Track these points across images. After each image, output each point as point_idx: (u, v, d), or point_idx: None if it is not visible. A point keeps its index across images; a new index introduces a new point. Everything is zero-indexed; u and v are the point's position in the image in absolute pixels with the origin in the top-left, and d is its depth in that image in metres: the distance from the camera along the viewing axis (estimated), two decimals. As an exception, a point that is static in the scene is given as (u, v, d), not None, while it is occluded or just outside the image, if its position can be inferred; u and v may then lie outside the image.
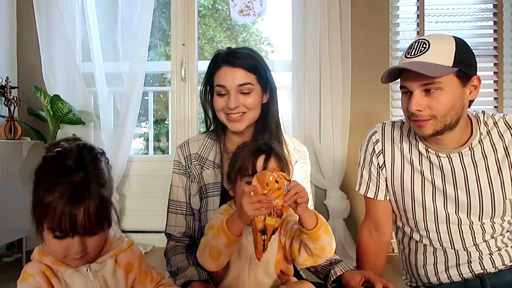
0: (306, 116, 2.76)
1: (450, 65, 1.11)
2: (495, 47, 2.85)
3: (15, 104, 2.57)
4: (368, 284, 1.13)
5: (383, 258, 1.42)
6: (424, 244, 1.32)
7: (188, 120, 2.96)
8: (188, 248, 1.30)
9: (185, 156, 1.34)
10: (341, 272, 1.19)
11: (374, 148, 1.35)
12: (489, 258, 1.25)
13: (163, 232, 1.38)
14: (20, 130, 2.57)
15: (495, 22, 2.87)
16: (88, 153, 0.90)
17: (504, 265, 1.25)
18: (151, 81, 4.25)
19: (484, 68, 2.85)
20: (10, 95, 2.54)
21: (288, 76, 2.83)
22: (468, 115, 1.25)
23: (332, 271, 1.21)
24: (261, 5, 2.78)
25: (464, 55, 1.13)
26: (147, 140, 3.86)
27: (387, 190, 1.35)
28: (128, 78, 2.82)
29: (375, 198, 1.36)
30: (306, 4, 2.73)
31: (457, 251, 1.26)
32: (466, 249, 1.25)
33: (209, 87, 1.32)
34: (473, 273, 1.25)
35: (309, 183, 1.39)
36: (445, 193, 1.25)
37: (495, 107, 2.84)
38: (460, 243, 1.26)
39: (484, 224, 1.24)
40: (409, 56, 1.16)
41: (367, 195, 1.37)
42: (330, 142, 2.74)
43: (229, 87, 1.24)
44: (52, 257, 0.91)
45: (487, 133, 1.24)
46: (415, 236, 1.33)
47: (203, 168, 1.31)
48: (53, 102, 2.62)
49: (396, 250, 2.12)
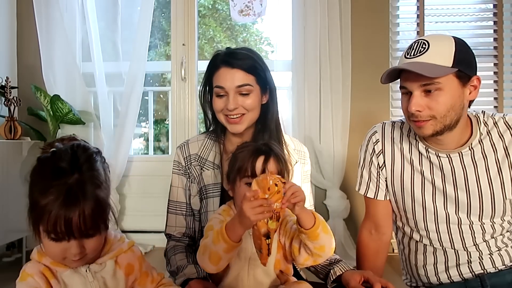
0: (306, 116, 2.76)
1: (450, 65, 1.11)
2: (495, 47, 2.85)
3: (15, 104, 2.57)
4: (367, 284, 1.13)
5: (383, 258, 1.42)
6: (424, 244, 1.32)
7: (188, 120, 2.96)
8: (188, 248, 1.30)
9: (185, 156, 1.33)
10: (341, 272, 1.19)
11: (374, 148, 1.35)
12: (489, 258, 1.25)
13: (163, 232, 1.38)
14: (20, 130, 2.57)
15: (495, 22, 2.87)
16: (82, 153, 0.89)
17: (504, 265, 1.25)
18: (151, 81, 4.24)
19: (484, 68, 2.85)
20: (10, 95, 2.54)
21: (288, 76, 2.83)
22: (468, 115, 1.25)
23: (332, 271, 1.21)
24: (261, 5, 2.78)
25: (463, 55, 1.13)
26: (147, 140, 3.86)
27: (387, 190, 1.35)
28: (128, 78, 2.81)
29: (375, 198, 1.36)
30: (306, 4, 2.73)
31: (457, 251, 1.26)
32: (466, 249, 1.25)
33: (209, 87, 1.31)
34: (473, 273, 1.25)
35: (309, 183, 1.39)
36: (445, 193, 1.25)
37: (495, 107, 2.84)
38: (460, 243, 1.26)
39: (484, 224, 1.24)
40: (408, 57, 1.16)
41: (367, 195, 1.37)
42: (330, 142, 2.74)
43: (228, 88, 1.23)
44: (50, 258, 0.90)
45: (487, 133, 1.24)
46: (415, 236, 1.33)
47: (203, 169, 1.31)
48: (53, 102, 2.62)
49: (396, 250, 2.12)
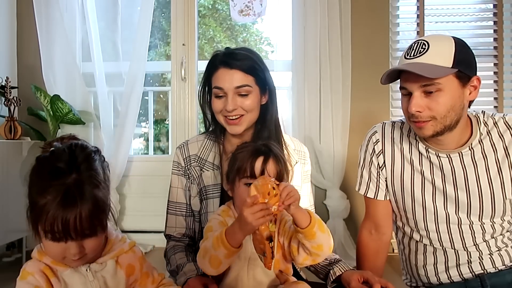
0: (306, 116, 2.76)
1: (450, 66, 1.11)
2: (495, 47, 2.85)
3: (15, 104, 2.57)
4: (367, 284, 1.12)
5: (383, 258, 1.42)
6: (424, 244, 1.32)
7: (188, 120, 2.96)
8: (187, 247, 1.30)
9: (185, 157, 1.33)
10: (340, 272, 1.19)
11: (374, 148, 1.35)
12: (489, 258, 1.25)
13: (162, 233, 1.37)
14: (20, 130, 2.57)
15: (495, 22, 2.87)
16: (80, 153, 0.88)
17: (504, 265, 1.25)
18: (151, 81, 4.24)
19: (484, 68, 2.85)
20: (10, 95, 2.54)
21: (288, 76, 2.83)
22: (468, 115, 1.25)
23: (331, 271, 1.21)
24: (261, 5, 2.78)
25: (463, 56, 1.13)
26: (147, 140, 3.86)
27: (387, 190, 1.35)
28: (128, 78, 2.82)
29: (375, 198, 1.36)
30: (306, 4, 2.73)
31: (457, 251, 1.26)
32: (466, 249, 1.25)
33: (208, 88, 1.30)
34: (473, 273, 1.25)
35: (309, 183, 1.39)
36: (445, 193, 1.25)
37: (495, 107, 2.84)
38: (460, 243, 1.26)
39: (484, 224, 1.24)
40: (408, 57, 1.15)
41: (367, 195, 1.37)
42: (330, 142, 2.74)
43: (227, 89, 1.22)
44: (51, 258, 0.90)
45: (487, 133, 1.24)
46: (415, 236, 1.33)
47: (203, 169, 1.30)
48: (53, 102, 2.62)
49: (396, 250, 2.12)
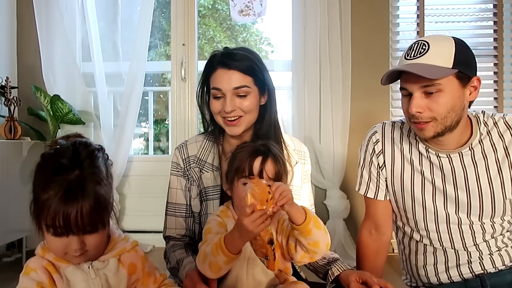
0: (306, 116, 2.76)
1: (450, 66, 1.11)
2: (495, 47, 2.85)
3: (15, 104, 2.57)
4: (366, 285, 1.11)
5: (383, 258, 1.42)
6: (424, 244, 1.31)
7: (188, 120, 2.96)
8: (187, 245, 1.28)
9: (184, 158, 1.31)
10: (338, 272, 1.18)
11: (374, 148, 1.35)
12: (489, 258, 1.25)
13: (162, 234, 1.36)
14: (20, 130, 2.58)
15: (495, 22, 2.87)
16: (84, 150, 0.90)
17: (504, 265, 1.25)
18: (151, 81, 4.24)
19: (484, 68, 2.85)
20: (10, 95, 2.54)
21: (288, 76, 2.84)
22: (468, 116, 1.25)
23: (329, 271, 1.20)
24: (261, 5, 2.79)
25: (464, 56, 1.12)
26: (147, 140, 3.86)
27: (387, 190, 1.35)
28: (128, 78, 2.82)
29: (375, 198, 1.36)
30: (306, 4, 2.73)
31: (457, 251, 1.26)
32: (466, 249, 1.25)
33: (206, 88, 1.29)
34: (473, 273, 1.25)
35: (309, 182, 1.39)
36: (445, 193, 1.25)
37: (495, 107, 2.85)
38: (460, 243, 1.26)
39: (484, 224, 1.24)
40: (408, 58, 1.15)
41: (367, 195, 1.37)
42: (330, 142, 2.75)
43: (225, 90, 1.20)
44: (53, 254, 0.91)
45: (487, 133, 1.24)
46: (415, 236, 1.33)
47: (202, 171, 1.29)
48: (53, 102, 2.62)
49: (396, 250, 2.12)
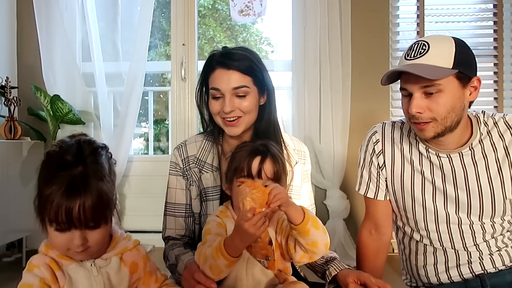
0: (306, 116, 2.76)
1: (450, 66, 1.11)
2: (495, 47, 2.85)
3: (15, 104, 2.57)
4: (364, 286, 1.10)
5: (383, 258, 1.42)
6: (424, 244, 1.31)
7: (188, 120, 2.96)
8: (186, 244, 1.28)
9: (183, 158, 1.31)
10: (335, 272, 1.17)
11: (374, 148, 1.35)
12: (489, 258, 1.25)
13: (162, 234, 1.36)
14: (20, 130, 2.58)
15: (495, 22, 2.87)
16: (88, 147, 0.92)
17: (504, 265, 1.25)
18: (151, 81, 4.24)
19: (484, 68, 2.85)
20: (10, 95, 2.54)
21: (288, 76, 2.84)
22: (468, 116, 1.25)
23: (327, 271, 1.19)
24: (261, 5, 2.79)
25: (464, 56, 1.12)
26: (147, 140, 3.86)
27: (387, 190, 1.35)
28: (128, 78, 2.82)
29: (375, 198, 1.36)
30: (306, 4, 2.73)
31: (457, 251, 1.26)
32: (466, 249, 1.25)
33: (205, 88, 1.28)
34: (473, 273, 1.25)
35: (309, 182, 1.39)
36: (445, 193, 1.25)
37: (495, 107, 2.85)
38: (461, 243, 1.26)
39: (484, 224, 1.24)
40: (408, 58, 1.15)
41: (367, 195, 1.37)
42: (330, 142, 2.75)
43: (224, 90, 1.19)
44: (55, 249, 0.92)
45: (487, 133, 1.24)
46: (416, 236, 1.33)
47: (202, 171, 1.28)
48: (53, 102, 2.62)
49: (396, 250, 2.12)
